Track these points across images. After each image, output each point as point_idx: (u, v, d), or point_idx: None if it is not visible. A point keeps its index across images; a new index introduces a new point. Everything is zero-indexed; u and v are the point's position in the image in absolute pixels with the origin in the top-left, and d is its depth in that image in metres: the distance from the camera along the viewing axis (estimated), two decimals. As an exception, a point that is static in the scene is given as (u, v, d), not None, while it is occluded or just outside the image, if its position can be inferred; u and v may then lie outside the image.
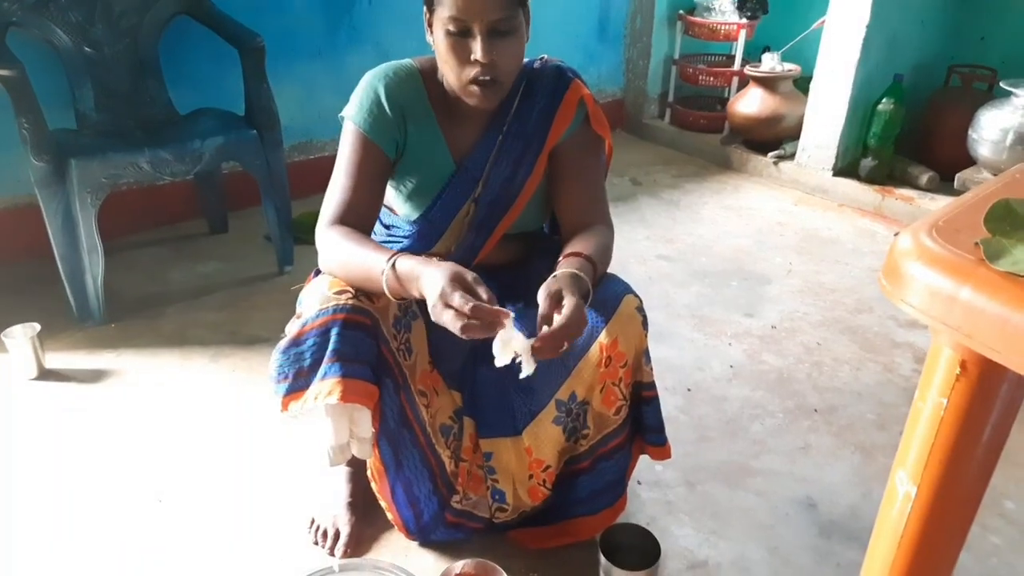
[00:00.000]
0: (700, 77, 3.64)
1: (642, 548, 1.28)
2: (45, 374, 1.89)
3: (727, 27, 3.46)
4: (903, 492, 0.73)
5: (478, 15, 1.09)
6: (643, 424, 1.29)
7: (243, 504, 1.50)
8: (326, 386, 1.09)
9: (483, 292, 1.00)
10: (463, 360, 1.34)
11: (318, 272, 1.25)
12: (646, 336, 1.23)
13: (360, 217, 1.21)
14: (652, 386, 1.26)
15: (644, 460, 1.38)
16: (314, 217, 2.82)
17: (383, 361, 1.17)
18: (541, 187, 1.32)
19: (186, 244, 2.57)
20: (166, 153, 2.05)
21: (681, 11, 3.60)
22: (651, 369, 1.25)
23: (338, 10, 2.84)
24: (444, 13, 1.10)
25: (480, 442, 1.31)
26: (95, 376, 1.88)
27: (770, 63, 3.30)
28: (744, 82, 3.44)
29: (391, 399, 1.19)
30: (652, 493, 1.55)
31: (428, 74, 1.26)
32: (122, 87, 2.24)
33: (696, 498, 1.54)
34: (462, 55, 1.12)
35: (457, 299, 0.97)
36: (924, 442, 0.70)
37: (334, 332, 1.10)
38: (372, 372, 1.13)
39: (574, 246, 1.21)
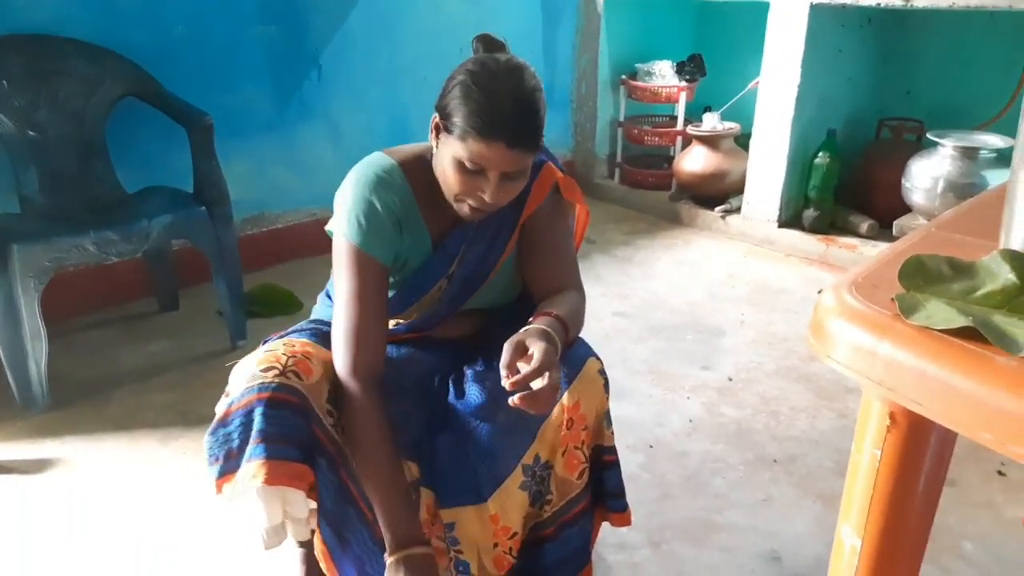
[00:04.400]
0: (645, 138, 3.76)
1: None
2: (-15, 467, 1.81)
3: (668, 90, 3.60)
4: (849, 545, 0.73)
5: (499, 165, 1.08)
6: (604, 489, 1.28)
7: (194, 595, 1.44)
8: (251, 468, 1.06)
9: None
10: (419, 429, 1.32)
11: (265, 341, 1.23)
12: (607, 399, 1.24)
13: (376, 348, 1.19)
14: (613, 450, 1.26)
15: (606, 523, 1.36)
16: (267, 291, 2.79)
17: (315, 439, 1.13)
18: (510, 261, 1.33)
19: (135, 323, 2.52)
20: (112, 233, 2.03)
21: (623, 76, 3.74)
22: (612, 433, 1.25)
23: (287, 85, 2.89)
24: (461, 152, 1.08)
25: (441, 512, 1.28)
26: (38, 466, 1.81)
27: (711, 123, 3.43)
28: (688, 141, 3.57)
29: (326, 478, 1.15)
30: (617, 556, 1.53)
31: (409, 168, 1.22)
32: (67, 169, 2.23)
33: (661, 558, 1.53)
34: (469, 188, 1.11)
35: None
36: (864, 494, 0.71)
37: (258, 412, 1.08)
38: (302, 452, 1.10)
39: (544, 307, 1.20)
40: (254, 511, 1.12)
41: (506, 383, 1.02)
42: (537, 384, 1.03)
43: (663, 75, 3.66)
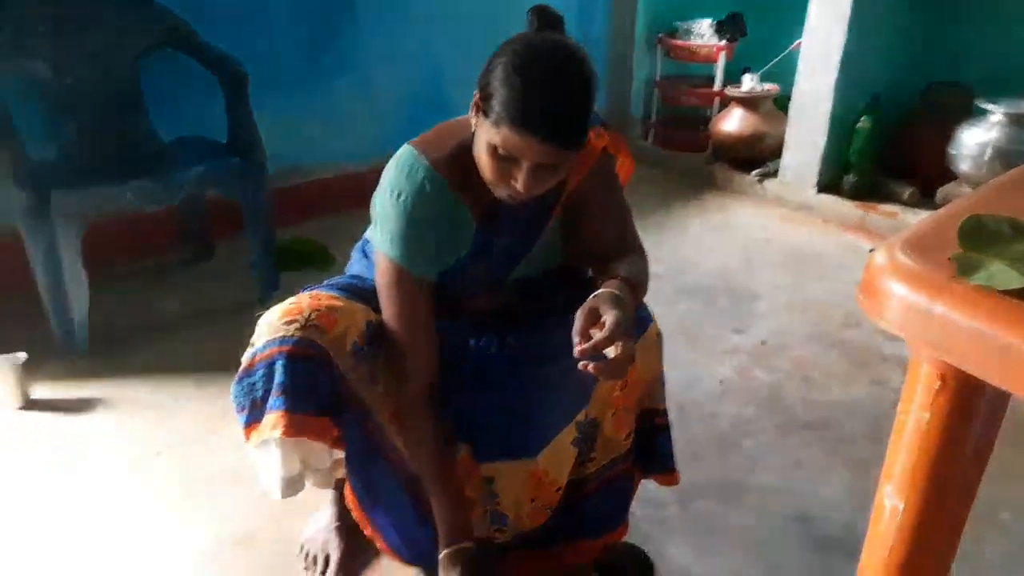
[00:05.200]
0: (682, 98, 3.69)
1: (636, 567, 1.27)
2: (30, 404, 1.86)
3: (707, 49, 3.51)
4: (890, 507, 0.73)
5: (534, 157, 1.01)
6: (655, 452, 1.28)
7: (237, 532, 1.48)
8: (271, 419, 1.08)
9: None
10: (455, 383, 1.32)
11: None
12: (662, 363, 1.25)
13: (428, 362, 1.20)
14: (665, 413, 1.26)
15: (635, 479, 1.37)
16: (299, 244, 2.81)
17: (339, 392, 1.14)
18: (552, 232, 1.29)
19: (171, 273, 2.56)
20: (149, 183, 2.05)
21: (661, 34, 3.65)
22: (664, 396, 1.25)
23: (323, 37, 2.87)
24: (496, 137, 1.01)
25: (481, 467, 1.26)
26: (81, 406, 1.86)
27: (750, 84, 3.35)
28: (725, 102, 3.49)
29: (352, 430, 1.16)
30: (646, 511, 1.54)
31: (442, 164, 1.15)
32: (103, 118, 2.24)
33: (690, 516, 1.54)
34: (503, 175, 1.06)
35: None
36: (909, 456, 0.70)
37: (279, 365, 1.09)
38: (323, 404, 1.11)
39: (609, 271, 1.16)
40: (273, 460, 1.14)
41: (577, 350, 0.99)
42: (610, 352, 1.00)
43: (702, 34, 3.57)
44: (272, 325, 1.12)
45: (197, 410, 1.86)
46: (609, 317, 1.01)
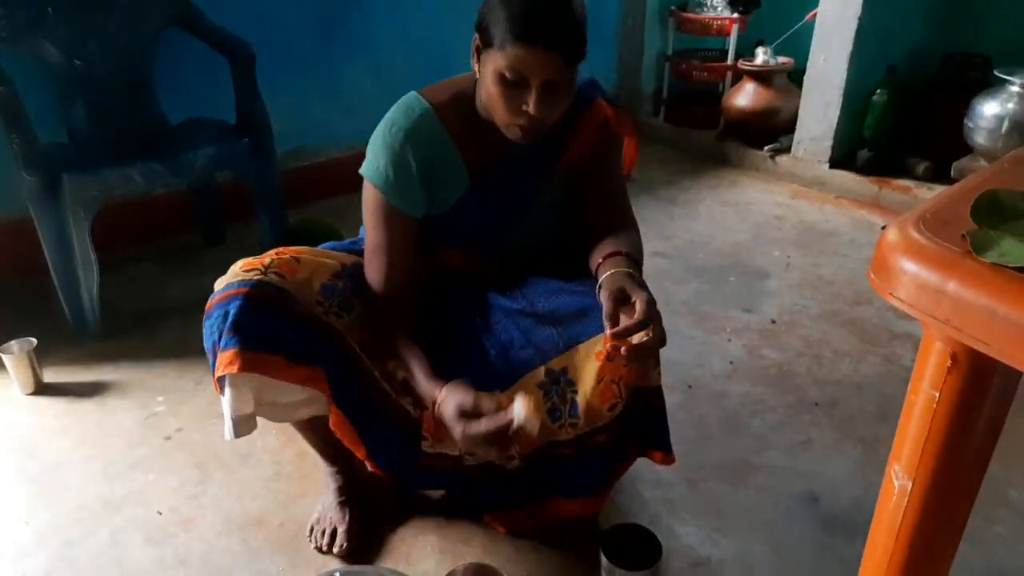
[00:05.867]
0: (694, 73, 3.64)
1: (644, 547, 1.27)
2: (43, 389, 1.88)
3: (719, 22, 3.46)
4: (899, 486, 0.72)
5: (541, 73, 1.06)
6: (648, 432, 1.28)
7: (248, 513, 1.49)
8: (225, 357, 1.12)
9: (485, 404, 1.08)
10: (431, 313, 1.34)
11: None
12: None
13: (407, 289, 1.25)
14: (659, 392, 1.25)
15: (644, 460, 1.36)
16: (310, 225, 2.81)
17: (310, 327, 1.18)
18: (552, 199, 1.32)
19: (182, 256, 2.57)
20: (158, 165, 2.05)
21: (673, 7, 3.59)
22: (659, 374, 1.24)
23: (331, 18, 2.84)
24: (502, 61, 1.06)
25: None
26: (93, 389, 1.88)
27: (763, 57, 3.29)
28: (738, 77, 3.44)
29: (332, 366, 1.19)
30: (654, 492, 1.54)
31: (443, 108, 1.22)
32: (113, 100, 2.24)
33: (698, 496, 1.54)
34: (513, 103, 1.10)
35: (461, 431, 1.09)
36: (918, 436, 0.69)
37: (233, 305, 1.13)
38: (279, 343, 1.14)
39: (610, 246, 1.20)
40: (225, 400, 1.17)
41: (609, 333, 1.03)
42: (639, 338, 1.03)
43: (715, 6, 3.51)
44: (232, 272, 1.18)
45: (208, 393, 1.87)
46: (639, 301, 1.04)
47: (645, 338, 1.03)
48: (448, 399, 1.12)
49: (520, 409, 1.04)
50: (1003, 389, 0.68)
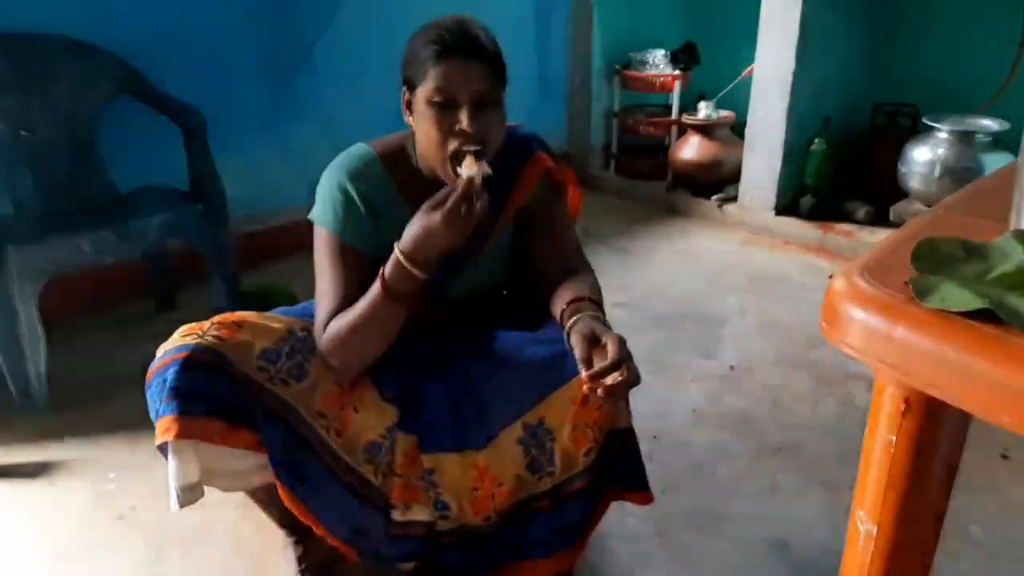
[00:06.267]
0: (640, 128, 3.76)
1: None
2: (-15, 471, 1.80)
3: (662, 79, 3.59)
4: (864, 531, 0.73)
5: (465, 85, 1.11)
6: (625, 472, 1.27)
7: (201, 595, 1.43)
8: (163, 424, 1.11)
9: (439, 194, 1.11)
10: (401, 372, 1.32)
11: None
12: None
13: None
14: (631, 432, 1.25)
15: (613, 515, 1.36)
16: (264, 289, 2.77)
17: (246, 395, 1.16)
18: (499, 247, 1.35)
19: (133, 323, 2.50)
20: (109, 233, 2.01)
21: (617, 66, 3.73)
22: (630, 414, 1.25)
23: (281, 81, 2.87)
24: (429, 85, 1.12)
25: (422, 457, 1.26)
26: (41, 469, 1.80)
27: (706, 111, 3.42)
28: (683, 130, 3.56)
29: (268, 429, 1.17)
30: (625, 547, 1.53)
31: (389, 158, 1.26)
32: (61, 169, 2.21)
33: (669, 548, 1.53)
34: (447, 126, 1.13)
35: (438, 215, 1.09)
36: (879, 480, 0.70)
37: (171, 371, 1.12)
38: (218, 408, 1.13)
39: (570, 292, 1.22)
40: (170, 468, 1.14)
41: (585, 375, 1.05)
42: (613, 378, 1.05)
43: (657, 64, 3.66)
44: (172, 339, 1.18)
45: (163, 468, 1.80)
46: (611, 342, 1.07)
47: (620, 377, 1.05)
48: (414, 221, 1.12)
49: (464, 171, 1.10)
50: (958, 428, 0.70)
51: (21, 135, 2.13)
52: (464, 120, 1.12)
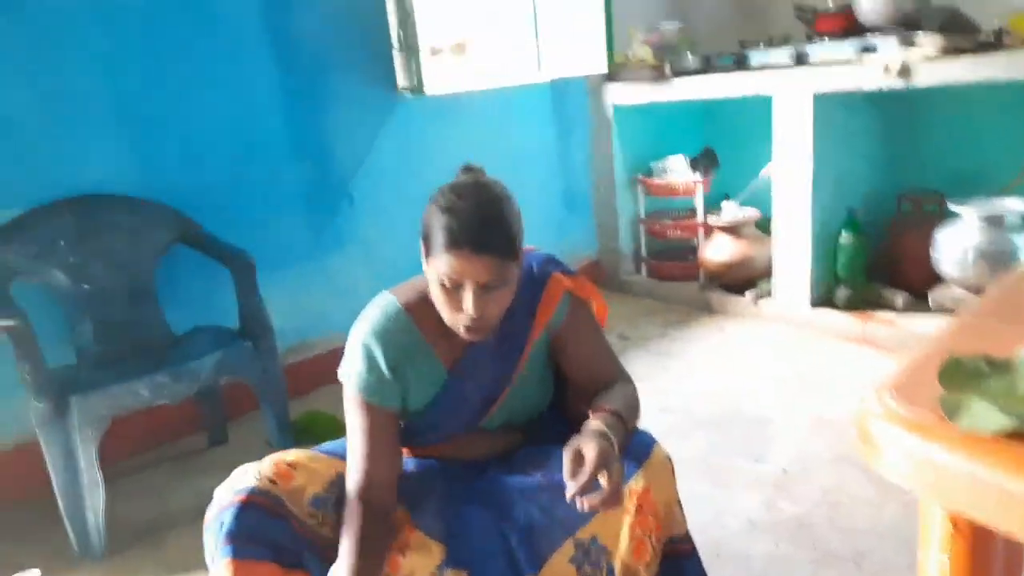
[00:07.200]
0: (668, 232, 3.83)
1: None
2: (46, 622, 1.82)
3: (684, 184, 3.70)
4: (931, 657, 0.71)
5: (472, 276, 1.13)
6: None
7: None
8: (219, 568, 1.13)
9: None
10: (444, 506, 1.31)
11: None
12: (675, 487, 1.25)
13: (382, 489, 1.25)
14: (688, 538, 1.24)
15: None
16: (312, 418, 2.81)
17: (298, 539, 1.19)
18: (531, 374, 1.37)
19: (187, 460, 2.56)
20: (164, 377, 2.10)
21: (639, 175, 3.86)
22: (685, 520, 1.24)
23: (321, 216, 3.04)
24: (440, 268, 1.14)
25: None
26: (98, 618, 1.81)
27: (730, 211, 3.49)
28: (710, 231, 3.62)
29: (321, 572, 1.19)
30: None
31: (414, 307, 1.29)
32: (119, 317, 2.33)
33: (737, 672, 1.46)
34: (454, 304, 1.17)
35: None
36: (938, 601, 0.69)
37: (228, 514, 1.15)
38: (273, 551, 1.15)
39: (596, 405, 1.24)
40: None
41: (570, 491, 1.06)
42: (600, 494, 1.06)
43: (677, 170, 3.77)
44: (231, 479, 1.21)
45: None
46: (588, 451, 1.08)
47: (604, 483, 1.06)
48: None
49: None
50: (1010, 547, 0.69)
51: (83, 288, 2.27)
52: (469, 306, 1.15)
